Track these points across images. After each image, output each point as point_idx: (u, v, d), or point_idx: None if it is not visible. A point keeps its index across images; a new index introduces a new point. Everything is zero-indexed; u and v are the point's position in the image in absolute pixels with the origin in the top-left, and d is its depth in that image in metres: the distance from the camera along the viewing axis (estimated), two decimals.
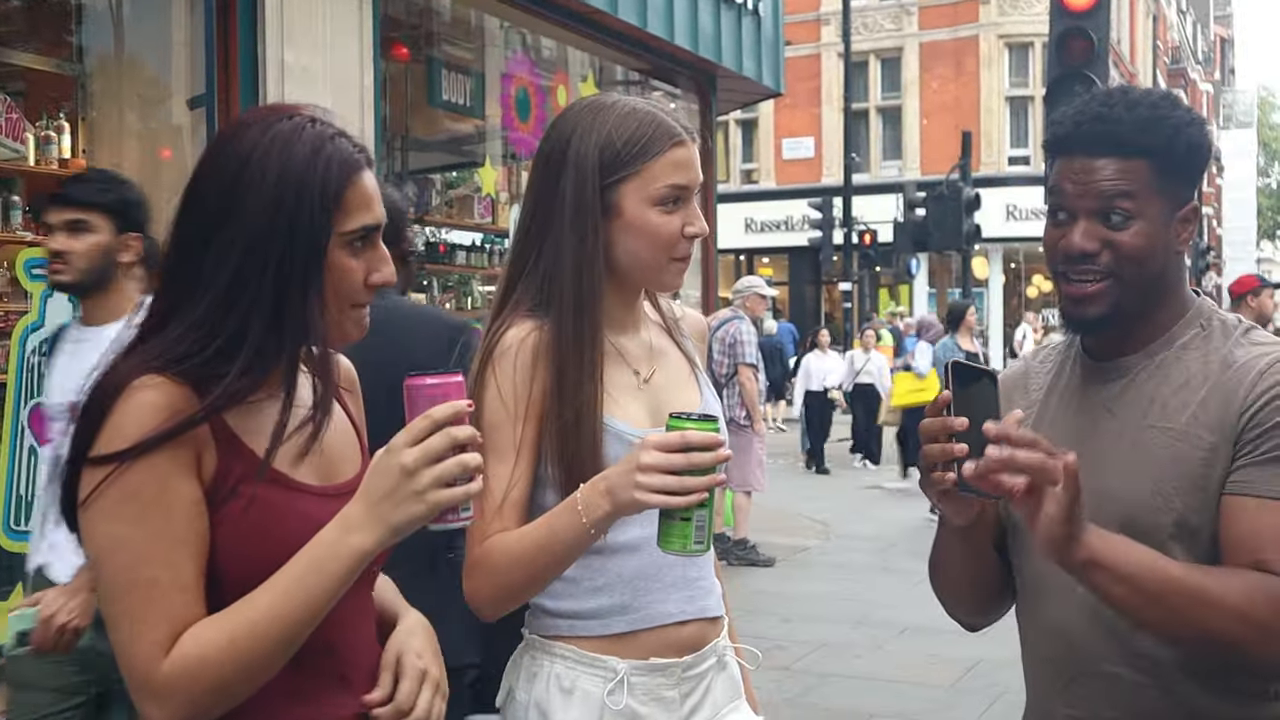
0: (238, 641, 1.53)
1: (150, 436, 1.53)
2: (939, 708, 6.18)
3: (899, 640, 7.29)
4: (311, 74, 6.33)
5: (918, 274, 28.40)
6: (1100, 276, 1.88)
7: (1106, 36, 9.18)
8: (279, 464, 1.67)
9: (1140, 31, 39.45)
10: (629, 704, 2.09)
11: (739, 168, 33.61)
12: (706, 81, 10.92)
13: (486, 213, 9.15)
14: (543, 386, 2.05)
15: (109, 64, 7.06)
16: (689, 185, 2.12)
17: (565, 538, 1.88)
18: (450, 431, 1.51)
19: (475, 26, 9.15)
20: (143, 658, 1.53)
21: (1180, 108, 1.91)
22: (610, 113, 2.11)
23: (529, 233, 2.16)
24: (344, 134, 1.72)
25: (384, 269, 1.72)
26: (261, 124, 1.68)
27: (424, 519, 1.53)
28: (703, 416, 1.79)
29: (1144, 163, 1.86)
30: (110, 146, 6.78)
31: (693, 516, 1.78)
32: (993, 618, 2.17)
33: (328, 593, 1.55)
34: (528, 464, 2.05)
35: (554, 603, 2.13)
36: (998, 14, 30.84)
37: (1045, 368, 2.10)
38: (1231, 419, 1.80)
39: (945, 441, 1.70)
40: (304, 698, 1.66)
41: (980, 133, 29.16)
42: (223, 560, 1.60)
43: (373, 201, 1.70)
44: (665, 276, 2.15)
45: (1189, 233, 1.92)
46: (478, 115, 9.09)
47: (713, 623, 2.22)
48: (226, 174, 1.65)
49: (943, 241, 18.55)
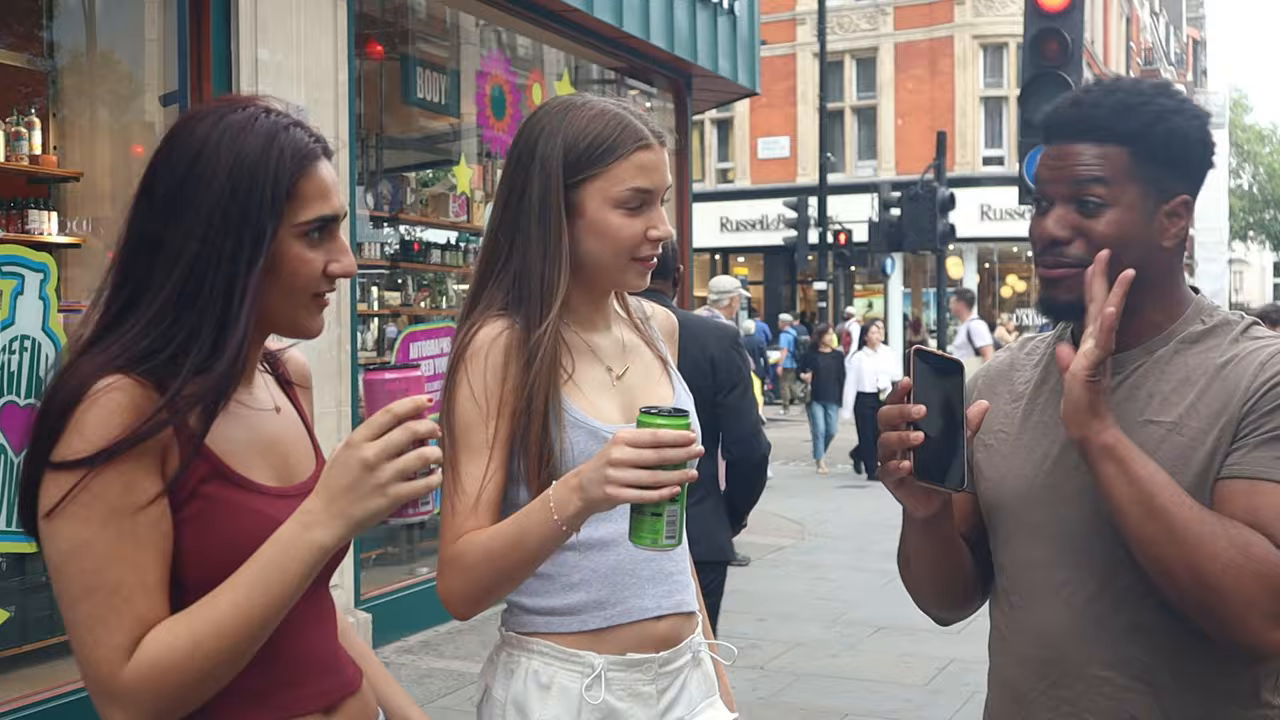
0: (201, 643, 1.52)
1: (118, 442, 1.52)
2: (912, 707, 6.20)
3: (873, 639, 7.31)
4: (285, 71, 6.30)
5: (892, 274, 28.45)
6: (1072, 263, 1.84)
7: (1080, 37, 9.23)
8: (237, 465, 1.66)
9: (1114, 32, 39.65)
10: (606, 699, 2.09)
11: (714, 167, 33.64)
12: (682, 81, 10.93)
13: (461, 211, 9.12)
14: (514, 384, 2.05)
15: (80, 60, 7.01)
16: (653, 189, 2.11)
17: (537, 534, 1.88)
18: (411, 425, 1.51)
19: (450, 24, 9.13)
20: (105, 662, 1.52)
21: (1167, 96, 1.85)
22: (578, 113, 2.12)
23: (498, 232, 2.17)
24: (300, 124, 1.70)
25: (343, 259, 1.70)
26: (214, 115, 1.67)
27: (385, 512, 1.52)
28: (674, 411, 1.78)
29: (1121, 149, 1.81)
30: (81, 143, 6.73)
31: (664, 512, 1.77)
32: (964, 613, 2.14)
33: (289, 589, 1.54)
34: (501, 461, 2.05)
35: (530, 600, 2.13)
36: (973, 14, 30.96)
37: (1032, 360, 2.05)
38: (1233, 411, 1.77)
39: (903, 429, 1.69)
40: (254, 698, 1.65)
41: (955, 133, 29.30)
42: (184, 561, 1.59)
43: (329, 192, 1.69)
44: (627, 277, 2.16)
45: (1179, 227, 1.85)
46: (453, 113, 9.07)
47: (688, 618, 2.22)
48: (178, 167, 1.64)
49: (917, 241, 18.62)
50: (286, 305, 1.69)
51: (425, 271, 9.08)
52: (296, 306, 1.70)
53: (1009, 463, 1.96)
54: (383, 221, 8.61)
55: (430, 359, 7.75)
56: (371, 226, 8.35)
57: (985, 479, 2.00)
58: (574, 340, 2.16)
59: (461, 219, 9.12)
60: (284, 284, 1.66)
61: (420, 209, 9.26)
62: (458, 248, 9.27)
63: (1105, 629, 1.83)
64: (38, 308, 5.21)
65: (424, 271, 9.06)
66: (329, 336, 6.55)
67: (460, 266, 9.25)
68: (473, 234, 9.20)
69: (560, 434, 2.06)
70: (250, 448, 1.70)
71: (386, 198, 8.66)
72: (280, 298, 1.67)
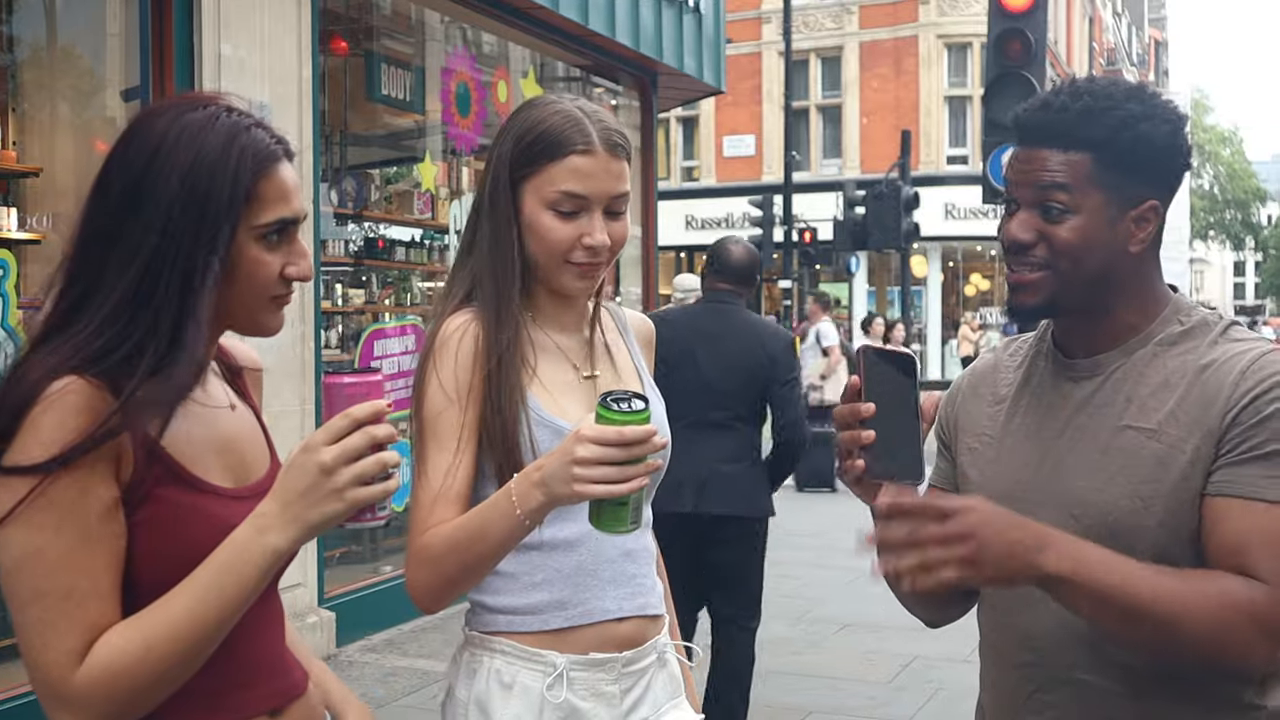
0: (154, 647, 1.51)
1: (73, 447, 1.49)
2: (875, 704, 6.22)
3: (837, 637, 7.33)
4: (249, 67, 6.26)
5: (857, 272, 28.55)
6: (1035, 267, 1.84)
7: (1044, 37, 9.29)
8: (193, 466, 1.64)
9: (1077, 33, 39.88)
10: (569, 698, 2.09)
11: (680, 165, 33.67)
12: (647, 78, 10.93)
13: (426, 208, 9.08)
14: (483, 375, 2.06)
15: (41, 55, 6.94)
16: (587, 196, 2.09)
17: (500, 528, 1.87)
18: (369, 430, 1.50)
19: (415, 21, 9.10)
20: (56, 666, 1.50)
21: (1138, 101, 1.83)
22: (537, 111, 2.13)
23: (468, 226, 2.19)
24: (262, 124, 1.68)
25: (301, 263, 1.69)
26: (174, 112, 1.65)
27: (341, 517, 1.51)
28: (635, 397, 1.77)
29: (1085, 156, 1.80)
30: (41, 139, 6.67)
31: (629, 500, 1.77)
32: (951, 615, 2.12)
33: (243, 594, 1.53)
34: (470, 454, 2.05)
35: (493, 599, 2.13)
36: (937, 14, 31.09)
37: (1015, 362, 2.04)
38: (1214, 419, 1.75)
39: (856, 428, 1.68)
40: (206, 699, 1.64)
41: (919, 132, 29.41)
42: (138, 564, 1.57)
43: (289, 194, 1.67)
44: (562, 279, 2.14)
45: (1146, 232, 1.85)
46: (417, 110, 9.04)
47: (653, 620, 2.22)
48: (136, 163, 1.62)
49: (882, 240, 18.68)
50: (243, 306, 1.67)
51: (390, 269, 9.04)
52: (254, 308, 1.68)
53: (993, 466, 1.95)
54: (347, 219, 8.57)
55: (394, 357, 7.70)
56: (335, 224, 8.31)
57: (970, 482, 1.99)
58: (541, 339, 2.16)
59: (426, 216, 9.09)
60: (240, 285, 1.65)
61: (385, 206, 9.22)
62: (422, 245, 9.24)
63: (1088, 634, 1.82)
64: None
65: (388, 269, 9.03)
66: (292, 334, 6.51)
67: (425, 264, 9.22)
68: (438, 231, 9.17)
69: (527, 431, 2.06)
70: (206, 448, 1.68)
71: (351, 195, 8.62)
72: (237, 299, 1.66)
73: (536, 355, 2.14)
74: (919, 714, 6.02)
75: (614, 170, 2.11)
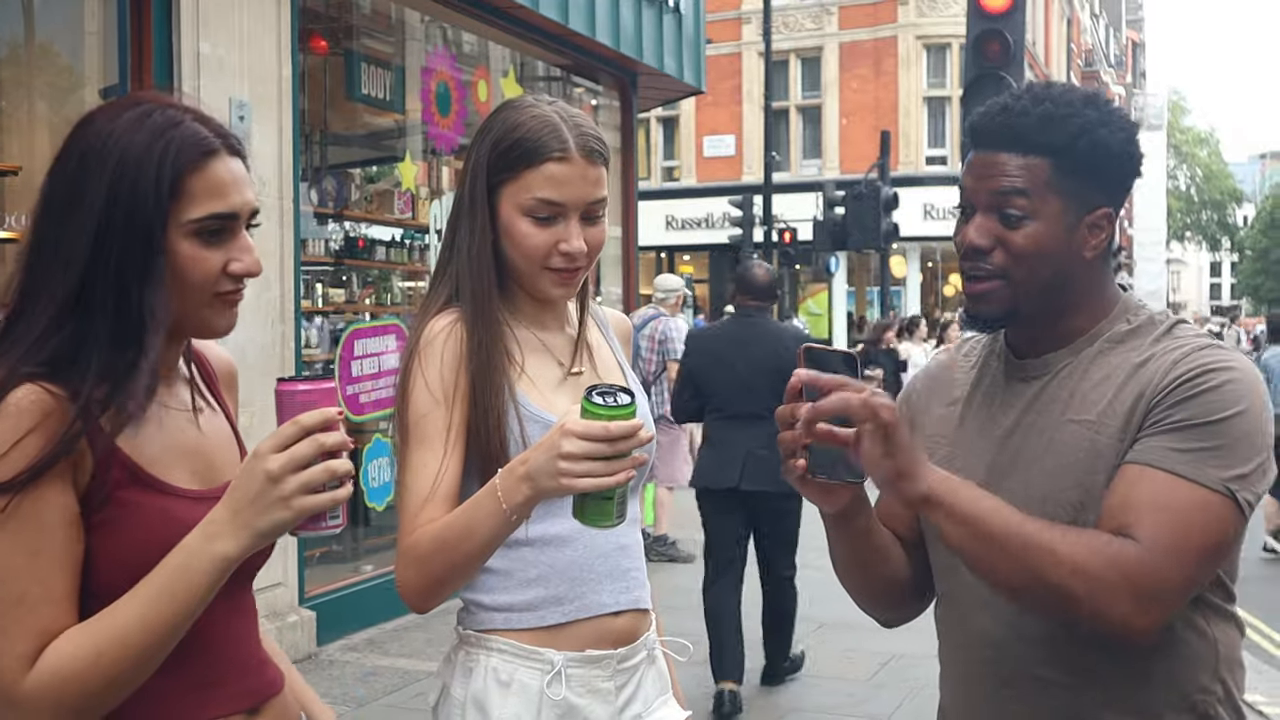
0: (105, 652, 1.50)
1: (38, 461, 1.49)
2: (855, 701, 6.24)
3: (817, 635, 7.34)
4: (228, 66, 6.24)
5: (837, 272, 28.58)
6: (990, 274, 1.85)
7: (1022, 39, 9.30)
8: (154, 468, 1.63)
9: (1055, 34, 40.03)
10: (567, 696, 2.09)
11: (660, 165, 33.67)
12: (628, 79, 10.93)
13: (406, 208, 9.05)
14: (469, 375, 2.06)
15: (19, 52, 6.91)
16: (563, 203, 2.09)
17: (487, 524, 1.86)
18: (318, 438, 1.48)
19: (395, 20, 9.08)
20: (7, 670, 1.49)
21: (1094, 107, 1.85)
22: (516, 114, 2.13)
23: (448, 228, 2.20)
24: (202, 119, 1.65)
25: (245, 258, 1.66)
26: (108, 114, 1.63)
27: (289, 525, 1.50)
28: (621, 391, 1.77)
29: (1044, 161, 1.82)
30: (20, 136, 6.64)
31: (614, 494, 1.77)
32: (906, 614, 2.13)
33: (194, 600, 1.52)
34: (458, 452, 2.04)
35: (489, 596, 2.13)
36: (916, 15, 31.14)
37: (969, 362, 2.06)
38: (1141, 408, 1.78)
39: (797, 429, 1.67)
40: (175, 697, 1.63)
41: (899, 132, 29.45)
42: (98, 566, 1.57)
43: (225, 188, 1.63)
44: (540, 285, 2.15)
45: (1099, 240, 1.86)
46: (398, 110, 9.02)
47: (644, 615, 2.23)
48: (70, 166, 1.61)
49: (861, 240, 18.72)
50: (187, 305, 1.64)
51: (370, 268, 9.01)
52: (198, 306, 1.65)
53: (947, 467, 1.93)
54: (327, 218, 8.54)
55: (375, 356, 7.69)
56: (315, 223, 8.28)
57: None
58: (526, 337, 2.17)
59: (407, 216, 9.06)
60: (178, 284, 1.62)
61: (365, 205, 9.19)
62: (403, 244, 9.21)
63: (1043, 628, 1.84)
64: None
65: (369, 268, 9.00)
66: (271, 333, 6.50)
67: (405, 263, 9.20)
68: (418, 230, 9.15)
69: (517, 425, 2.06)
70: (169, 450, 1.67)
71: (331, 194, 8.60)
72: (179, 298, 1.62)
73: (523, 353, 2.14)
74: (898, 712, 6.04)
75: (591, 176, 2.11)
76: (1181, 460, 1.73)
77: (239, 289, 1.67)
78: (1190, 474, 1.72)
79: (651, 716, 2.22)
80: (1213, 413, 1.74)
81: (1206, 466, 1.72)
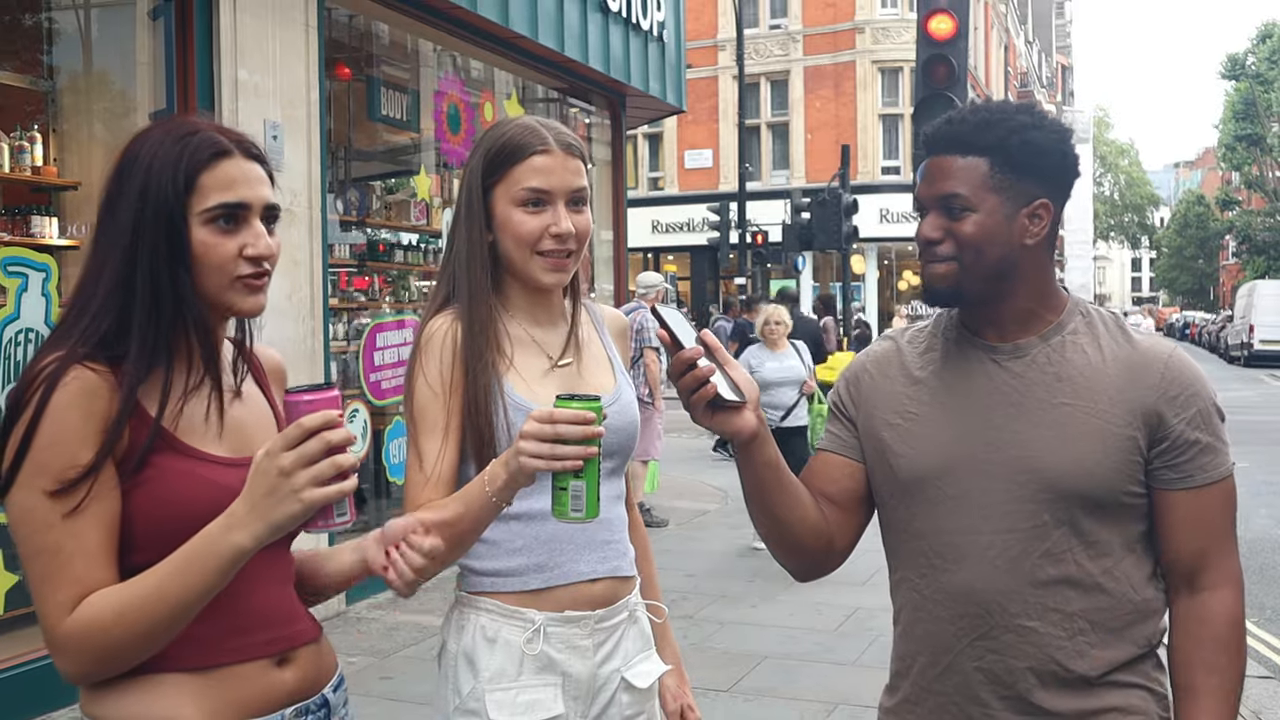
0: (124, 615, 1.53)
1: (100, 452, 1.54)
2: (822, 649, 6.25)
3: (788, 592, 7.34)
4: (263, 91, 6.23)
5: (804, 270, 28.60)
6: (944, 260, 1.86)
7: (965, 63, 9.30)
8: (190, 438, 1.65)
9: (994, 58, 40.03)
10: (545, 650, 2.10)
11: (646, 176, 33.63)
12: (617, 99, 10.91)
13: (421, 216, 9.06)
14: (464, 369, 2.06)
15: (78, 81, 6.88)
16: (550, 190, 2.10)
17: (475, 506, 1.87)
18: (325, 435, 1.47)
19: (411, 49, 9.05)
20: (51, 615, 1.54)
21: (1027, 114, 1.86)
22: (500, 127, 2.16)
23: (449, 236, 2.20)
24: (220, 129, 1.69)
25: (258, 242, 1.66)
26: (148, 130, 1.70)
27: (301, 516, 1.49)
28: (586, 397, 1.74)
29: (981, 160, 1.83)
30: (79, 156, 6.61)
31: (569, 486, 1.73)
32: (812, 565, 2.01)
33: (206, 583, 1.52)
34: (455, 440, 2.05)
35: (479, 563, 2.14)
36: (872, 42, 31.16)
37: (919, 348, 2.01)
38: (1145, 411, 1.83)
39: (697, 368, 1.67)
40: (204, 644, 1.64)
41: (857, 146, 29.50)
42: (135, 526, 1.59)
43: (235, 182, 1.66)
44: (533, 271, 2.14)
45: (1039, 227, 1.86)
46: (413, 128, 9.00)
47: (624, 581, 2.22)
48: (111, 183, 1.67)
49: (825, 241, 18.69)
50: (212, 288, 1.66)
51: (390, 270, 9.00)
52: (221, 289, 1.66)
53: (922, 442, 1.92)
54: (351, 225, 8.53)
55: (395, 348, 7.73)
56: (341, 229, 8.27)
57: (898, 455, 1.93)
58: (517, 332, 2.16)
59: (421, 223, 9.07)
60: (201, 267, 1.64)
61: (384, 214, 9.18)
62: (418, 248, 9.20)
63: (1031, 586, 1.83)
64: (40, 304, 5.13)
65: (389, 270, 8.99)
66: (303, 328, 6.50)
67: (421, 265, 9.19)
68: (432, 236, 9.13)
69: (503, 414, 2.06)
70: (206, 424, 1.68)
71: (354, 204, 8.58)
72: (204, 280, 1.65)
73: (513, 347, 2.14)
74: (862, 657, 6.05)
75: (571, 167, 2.12)
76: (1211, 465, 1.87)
77: (259, 273, 1.68)
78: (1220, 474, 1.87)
79: (631, 670, 2.21)
80: (1213, 413, 1.87)
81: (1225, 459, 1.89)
